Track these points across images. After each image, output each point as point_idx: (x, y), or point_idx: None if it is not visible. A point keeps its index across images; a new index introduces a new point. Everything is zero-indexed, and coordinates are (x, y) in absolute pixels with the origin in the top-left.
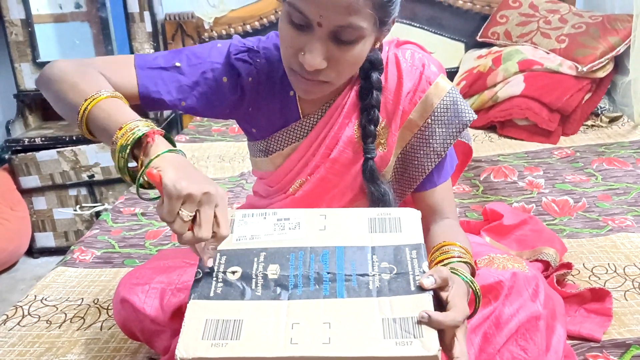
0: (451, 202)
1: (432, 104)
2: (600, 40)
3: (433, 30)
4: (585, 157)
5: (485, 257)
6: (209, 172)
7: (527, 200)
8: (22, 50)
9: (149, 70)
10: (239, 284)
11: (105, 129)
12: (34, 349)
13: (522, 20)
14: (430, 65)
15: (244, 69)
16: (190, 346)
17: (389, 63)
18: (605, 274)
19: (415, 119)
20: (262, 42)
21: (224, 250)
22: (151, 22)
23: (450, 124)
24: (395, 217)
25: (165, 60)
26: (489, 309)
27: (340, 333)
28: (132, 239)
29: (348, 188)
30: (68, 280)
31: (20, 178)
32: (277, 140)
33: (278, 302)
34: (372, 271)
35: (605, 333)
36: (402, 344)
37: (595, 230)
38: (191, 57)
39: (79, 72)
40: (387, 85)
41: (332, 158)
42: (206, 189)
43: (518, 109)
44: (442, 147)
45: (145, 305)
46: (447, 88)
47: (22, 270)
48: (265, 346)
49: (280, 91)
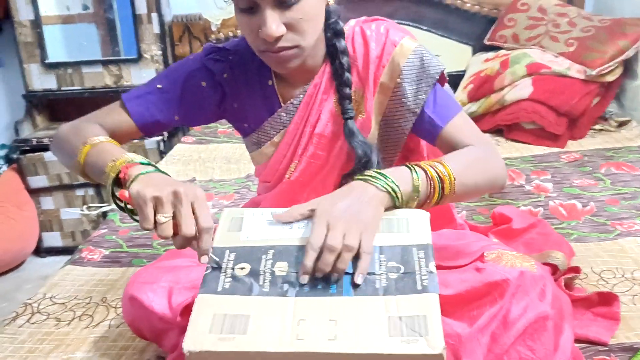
0: (470, 132)
1: (399, 64)
2: (610, 44)
3: (440, 33)
4: (593, 161)
5: (494, 252)
6: (215, 174)
7: (535, 203)
8: (30, 51)
9: (136, 99)
10: (246, 280)
11: (98, 176)
12: (43, 346)
13: (531, 24)
14: (395, 30)
15: (217, 67)
16: (197, 339)
17: (355, 34)
18: (613, 278)
19: (387, 82)
20: (234, 40)
21: (233, 247)
22: (159, 24)
23: (419, 80)
24: (404, 218)
25: (147, 87)
26: (495, 307)
27: (346, 330)
28: (140, 238)
29: (337, 161)
30: (76, 279)
31: (28, 178)
32: (265, 129)
33: (285, 298)
34: (379, 270)
35: (612, 337)
36: (407, 342)
37: (603, 235)
38: (169, 75)
39: (72, 131)
40: (355, 55)
41: (317, 133)
42: (172, 189)
43: (525, 112)
44: (415, 104)
45: (154, 304)
46: (413, 47)
47: (30, 269)
48: (272, 341)
49: (258, 82)
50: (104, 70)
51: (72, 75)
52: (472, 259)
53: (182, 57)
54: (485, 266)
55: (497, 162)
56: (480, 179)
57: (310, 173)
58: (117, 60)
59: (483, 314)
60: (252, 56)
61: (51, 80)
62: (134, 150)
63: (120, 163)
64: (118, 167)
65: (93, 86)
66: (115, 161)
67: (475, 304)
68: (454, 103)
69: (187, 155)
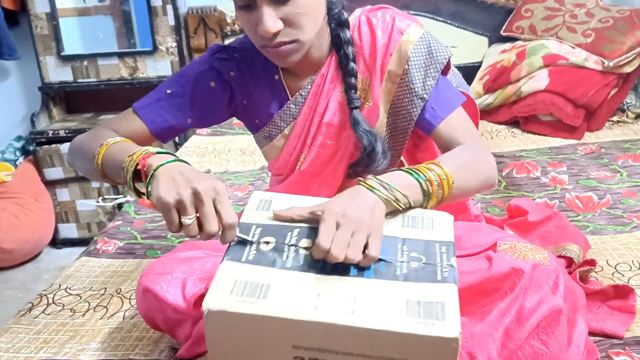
0: (466, 129)
1: (406, 51)
2: (628, 34)
3: (457, 24)
4: (610, 153)
5: (508, 243)
6: (230, 166)
7: (550, 196)
8: (47, 44)
9: (149, 107)
10: (270, 254)
11: (117, 174)
12: (58, 337)
13: (548, 15)
14: (402, 18)
15: (224, 66)
16: (217, 299)
17: (362, 24)
18: (629, 271)
19: (394, 70)
20: (239, 38)
21: (260, 223)
22: (174, 16)
23: (427, 66)
24: (428, 217)
25: (157, 93)
26: (506, 301)
27: (364, 307)
28: (154, 230)
29: (346, 150)
30: (91, 270)
31: (44, 170)
32: (275, 123)
33: (307, 274)
34: (400, 258)
35: (628, 330)
36: (424, 324)
37: (619, 227)
38: (178, 79)
39: (87, 139)
40: (362, 44)
41: (325, 122)
42: (192, 189)
43: (542, 104)
44: (424, 89)
45: (168, 295)
46: (419, 34)
47: (46, 260)
48: (290, 309)
49: (265, 77)
50: (119, 62)
51: (88, 68)
52: (484, 248)
53: (197, 49)
54: (496, 256)
55: (489, 162)
56: (475, 180)
57: (320, 163)
58: (133, 52)
59: (494, 309)
60: (258, 52)
61: (67, 73)
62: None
63: (137, 156)
64: (136, 160)
65: (109, 78)
66: (133, 155)
67: (486, 300)
68: (456, 95)
69: (202, 147)
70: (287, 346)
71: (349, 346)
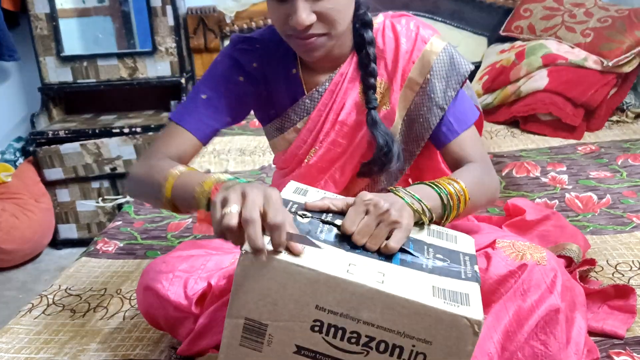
0: (477, 148)
1: (429, 61)
2: (627, 34)
3: (455, 24)
4: (610, 153)
5: (507, 241)
6: (229, 166)
7: (550, 196)
8: (46, 44)
9: (189, 116)
10: (306, 226)
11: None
12: (58, 337)
13: (547, 14)
14: (425, 28)
15: (246, 58)
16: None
17: (386, 28)
18: (630, 271)
19: (415, 77)
20: (259, 30)
21: (297, 202)
22: (173, 16)
23: (449, 77)
24: (452, 235)
25: (193, 101)
26: (500, 303)
27: (393, 281)
28: (154, 230)
29: (356, 150)
30: (92, 271)
31: (44, 170)
32: (289, 116)
33: (338, 249)
34: (427, 256)
35: (628, 330)
36: (449, 304)
37: (619, 227)
38: (207, 82)
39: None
40: (385, 48)
41: (340, 120)
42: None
43: (542, 103)
44: (444, 100)
45: (169, 292)
46: (443, 45)
47: (46, 261)
48: (324, 265)
49: (283, 70)
50: (119, 62)
51: (88, 68)
52: (483, 246)
53: (196, 49)
54: (495, 254)
55: (495, 181)
56: (484, 198)
57: (329, 159)
58: (132, 53)
59: (491, 311)
60: (277, 45)
61: (67, 73)
62: (149, 142)
63: (208, 186)
64: (208, 191)
65: (108, 79)
66: (203, 184)
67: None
68: (472, 111)
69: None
70: (310, 305)
71: (372, 315)
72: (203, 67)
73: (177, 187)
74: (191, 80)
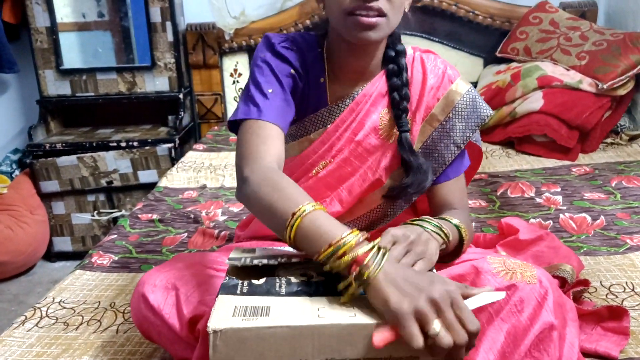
0: (462, 197)
1: (453, 100)
2: (622, 58)
3: (452, 45)
4: (604, 174)
5: (498, 259)
6: (226, 181)
7: (544, 216)
8: (46, 58)
9: (267, 110)
10: (263, 286)
11: (309, 251)
12: (51, 350)
13: (542, 37)
14: (451, 69)
15: (290, 54)
16: (221, 320)
17: (415, 61)
18: (623, 292)
19: (437, 114)
20: (288, 34)
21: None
22: (172, 32)
23: (469, 118)
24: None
25: (261, 97)
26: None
27: (365, 313)
28: (149, 244)
29: (368, 174)
30: (86, 284)
31: (41, 182)
32: (306, 124)
33: (302, 297)
34: None
35: (621, 352)
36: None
37: (613, 249)
38: (266, 78)
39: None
40: (412, 80)
41: (357, 140)
42: (429, 297)
43: (537, 125)
44: (462, 139)
45: (164, 313)
46: (467, 87)
47: (40, 273)
48: (295, 319)
49: (312, 77)
50: (118, 77)
51: (87, 82)
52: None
53: (195, 65)
54: (484, 271)
55: (472, 230)
56: (469, 241)
57: (338, 176)
58: (131, 68)
59: (484, 332)
60: (308, 51)
61: (65, 87)
62: (146, 156)
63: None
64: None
65: (107, 93)
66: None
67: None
68: (466, 159)
69: (198, 162)
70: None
71: (355, 350)
72: (201, 83)
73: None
74: (189, 95)
